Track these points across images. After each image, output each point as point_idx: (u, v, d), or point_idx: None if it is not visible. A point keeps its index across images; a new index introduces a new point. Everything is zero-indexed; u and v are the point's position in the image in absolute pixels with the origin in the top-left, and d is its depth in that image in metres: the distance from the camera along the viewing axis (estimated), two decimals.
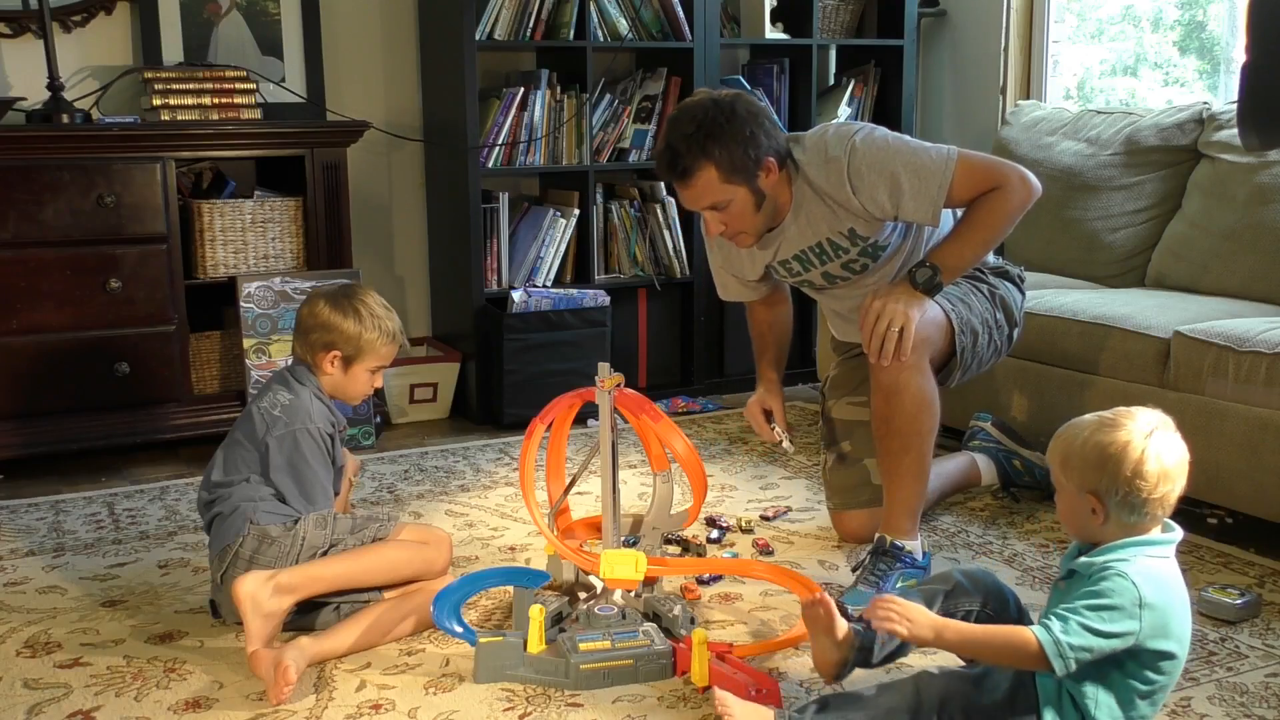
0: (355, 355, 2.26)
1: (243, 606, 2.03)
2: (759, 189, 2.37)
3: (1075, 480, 1.68)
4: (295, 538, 2.17)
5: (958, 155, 2.35)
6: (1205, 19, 3.94)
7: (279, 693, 1.93)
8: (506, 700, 1.96)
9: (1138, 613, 1.60)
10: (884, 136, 2.41)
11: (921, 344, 2.33)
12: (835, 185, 2.40)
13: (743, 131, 2.31)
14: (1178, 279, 3.32)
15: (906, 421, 2.34)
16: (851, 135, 2.40)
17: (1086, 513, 1.68)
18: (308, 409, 2.23)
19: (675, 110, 2.41)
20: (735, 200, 2.36)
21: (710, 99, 2.35)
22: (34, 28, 3.41)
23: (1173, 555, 1.70)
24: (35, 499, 3.06)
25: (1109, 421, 1.68)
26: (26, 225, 3.12)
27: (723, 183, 2.34)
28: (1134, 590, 1.61)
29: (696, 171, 2.33)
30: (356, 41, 3.88)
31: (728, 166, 2.32)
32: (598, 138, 3.91)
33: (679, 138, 2.32)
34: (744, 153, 2.32)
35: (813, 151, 2.43)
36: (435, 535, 2.31)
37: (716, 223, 2.41)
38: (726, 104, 2.33)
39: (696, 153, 2.31)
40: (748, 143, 2.32)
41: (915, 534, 2.38)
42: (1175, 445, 1.68)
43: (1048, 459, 1.75)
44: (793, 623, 2.23)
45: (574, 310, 3.72)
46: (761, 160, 2.34)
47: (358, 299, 2.28)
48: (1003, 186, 2.34)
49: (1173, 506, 1.68)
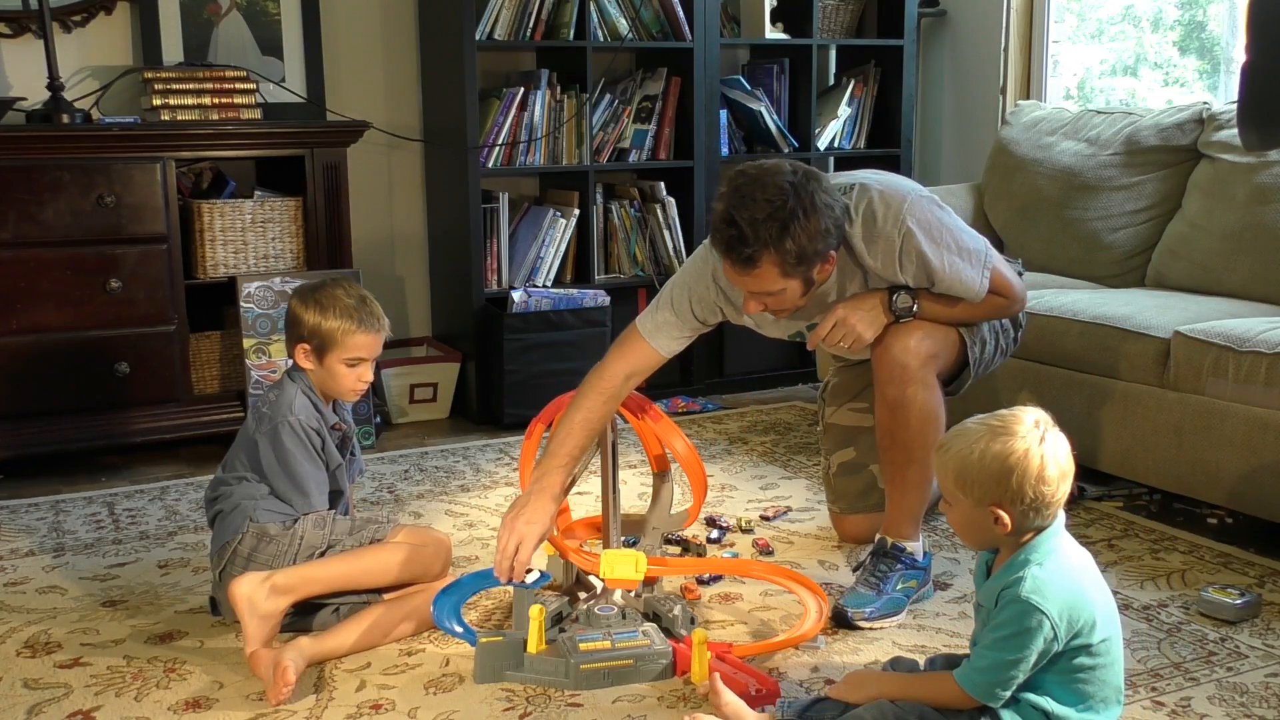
0: (324, 346, 2.22)
1: (239, 608, 2.03)
2: (813, 279, 2.20)
3: (975, 494, 1.66)
4: (293, 537, 2.17)
5: (991, 271, 2.32)
6: (1205, 19, 3.94)
7: (278, 693, 1.93)
8: (506, 700, 1.96)
9: (1045, 625, 1.62)
10: (934, 218, 2.28)
11: (929, 360, 2.31)
12: (884, 263, 2.28)
13: (818, 226, 2.11)
14: (1178, 279, 3.32)
15: (913, 436, 2.31)
16: (902, 214, 2.24)
17: (989, 524, 1.67)
18: (290, 402, 2.23)
19: (745, 177, 2.13)
20: (788, 290, 2.19)
21: (789, 181, 2.09)
22: (34, 28, 3.41)
23: (1062, 529, 1.70)
24: (35, 499, 3.06)
25: (999, 429, 1.66)
26: (27, 225, 3.12)
27: (781, 276, 2.14)
28: (1032, 610, 1.62)
29: (760, 262, 2.11)
30: (356, 41, 3.88)
31: (795, 261, 2.12)
32: (598, 138, 3.91)
33: (749, 221, 2.07)
34: (815, 250, 2.13)
35: (862, 223, 2.26)
36: (433, 538, 2.31)
37: (757, 303, 2.23)
38: (807, 190, 2.10)
39: (766, 244, 2.08)
40: (818, 238, 2.12)
41: (917, 536, 2.38)
42: (1062, 440, 1.68)
43: (936, 474, 1.73)
44: (792, 623, 2.24)
45: (574, 310, 3.72)
46: (826, 255, 2.17)
47: (324, 290, 2.24)
48: (1010, 300, 2.39)
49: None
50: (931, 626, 2.25)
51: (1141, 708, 1.93)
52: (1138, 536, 2.71)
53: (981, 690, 1.66)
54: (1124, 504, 2.94)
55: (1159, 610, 2.30)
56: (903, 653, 2.09)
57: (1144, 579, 2.46)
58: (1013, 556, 1.69)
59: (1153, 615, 2.28)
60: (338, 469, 2.31)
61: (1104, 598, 1.70)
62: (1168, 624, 2.24)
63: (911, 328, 2.30)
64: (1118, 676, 1.71)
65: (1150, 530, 2.75)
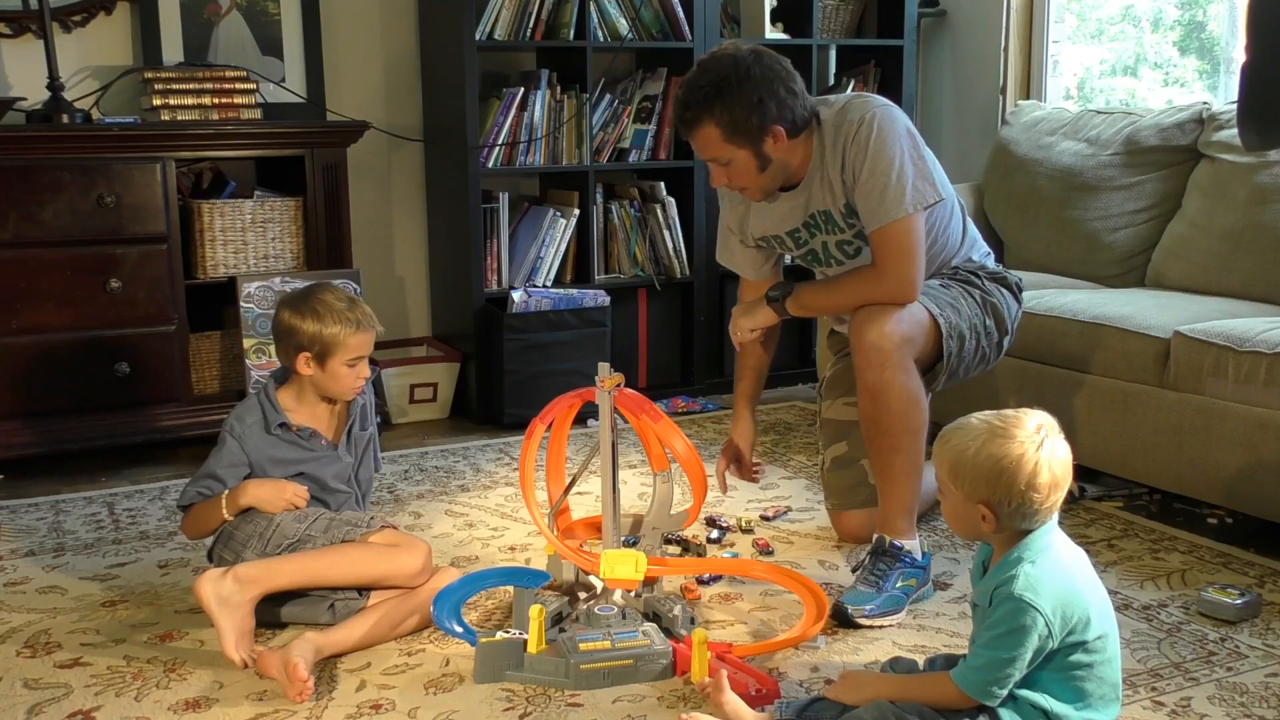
0: (325, 352, 2.28)
1: (206, 604, 2.05)
2: (763, 153, 2.36)
3: (965, 489, 1.69)
4: (271, 522, 2.23)
5: (914, 216, 2.34)
6: (1205, 19, 3.94)
7: (299, 691, 1.93)
8: (506, 700, 1.96)
9: (1039, 622, 1.62)
10: (900, 133, 2.37)
11: (904, 344, 2.33)
12: (831, 143, 2.39)
13: (751, 97, 2.29)
14: (1178, 279, 3.32)
15: (895, 420, 2.34)
16: (872, 108, 2.37)
17: (976, 519, 1.69)
18: (241, 407, 2.34)
19: (704, 55, 2.39)
20: (736, 160, 2.36)
21: (732, 56, 2.32)
22: (34, 28, 3.41)
23: (1055, 527, 1.71)
24: (35, 499, 3.06)
25: (999, 430, 1.67)
26: (27, 225, 3.12)
27: (724, 142, 2.33)
28: (1026, 607, 1.62)
29: (698, 127, 2.34)
30: (356, 41, 3.88)
31: (729, 128, 2.31)
32: (598, 138, 3.91)
33: (691, 88, 2.32)
34: (748, 118, 2.30)
35: (836, 111, 2.42)
36: (409, 540, 2.30)
37: (719, 176, 2.42)
38: (745, 64, 2.30)
39: (701, 109, 2.31)
40: (754, 109, 2.30)
41: (913, 533, 2.38)
42: (1062, 449, 1.68)
43: (934, 462, 1.75)
44: (792, 623, 2.24)
45: (574, 310, 3.72)
46: (767, 127, 2.32)
47: (314, 298, 2.30)
48: (898, 270, 2.34)
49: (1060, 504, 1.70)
50: (931, 626, 2.25)
51: (1141, 708, 1.93)
52: (1138, 536, 2.71)
53: (978, 689, 1.67)
54: (1124, 504, 2.94)
55: (1159, 610, 2.30)
56: (902, 653, 2.09)
57: (1144, 579, 2.46)
58: (1006, 555, 1.70)
59: (1153, 615, 2.28)
60: (320, 464, 2.34)
61: (1098, 595, 1.70)
62: (1168, 624, 2.24)
63: (884, 311, 2.35)
64: (1115, 674, 1.71)
65: (1150, 530, 2.75)
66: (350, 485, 2.41)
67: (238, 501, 2.24)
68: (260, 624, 2.13)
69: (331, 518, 2.27)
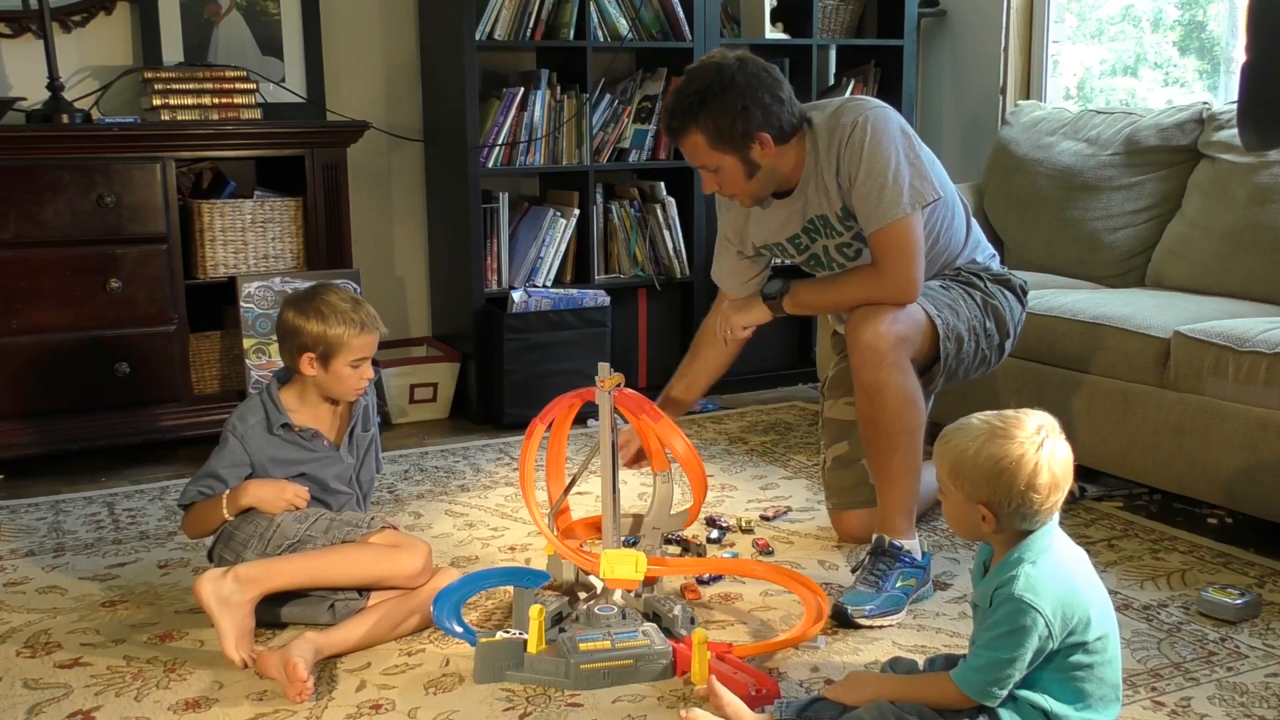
0: (329, 353, 2.28)
1: (206, 604, 2.05)
2: (750, 160, 2.38)
3: (965, 489, 1.69)
4: (271, 523, 2.22)
5: (915, 212, 2.35)
6: (1205, 19, 3.94)
7: (300, 692, 1.93)
8: (506, 700, 1.96)
9: (1039, 622, 1.62)
10: (895, 133, 2.38)
11: (901, 344, 2.34)
12: (825, 147, 2.41)
13: (735, 104, 2.32)
14: (1178, 279, 3.32)
15: (892, 420, 2.34)
16: (866, 111, 2.39)
17: (976, 520, 1.69)
18: (243, 407, 2.34)
19: (692, 64, 2.43)
20: (724, 167, 2.39)
21: (717, 64, 2.35)
22: (34, 28, 3.41)
23: (1056, 528, 1.71)
24: (35, 499, 3.06)
25: (1000, 430, 1.67)
26: (27, 225, 3.12)
27: (710, 149, 2.37)
28: (1026, 608, 1.62)
29: (684, 135, 2.38)
30: (356, 41, 3.88)
31: (714, 135, 2.35)
32: (598, 138, 3.91)
33: (678, 97, 2.37)
34: (732, 125, 2.33)
35: (829, 115, 2.43)
36: (409, 540, 2.30)
37: (710, 182, 2.45)
38: (729, 72, 2.33)
39: (686, 117, 2.35)
40: (738, 116, 2.32)
41: (913, 533, 2.38)
42: (1062, 449, 1.68)
43: (935, 463, 1.75)
44: (793, 623, 2.24)
45: (574, 310, 3.72)
46: (752, 134, 2.35)
47: (319, 299, 2.31)
48: (897, 269, 2.36)
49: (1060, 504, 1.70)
50: (931, 626, 2.25)
51: (1141, 708, 1.93)
52: (1138, 536, 2.71)
53: (978, 689, 1.67)
54: (1124, 504, 2.94)
55: (1159, 610, 2.30)
56: (903, 653, 2.09)
57: (1144, 579, 2.46)
58: (1006, 555, 1.70)
59: (1153, 615, 2.28)
60: (321, 465, 2.34)
61: (1098, 595, 1.70)
62: (1168, 624, 2.24)
63: (881, 311, 2.35)
64: (1116, 674, 1.71)
65: (1150, 530, 2.75)
66: (351, 486, 2.41)
67: (238, 501, 2.24)
68: (260, 624, 2.13)
69: (332, 518, 2.28)
